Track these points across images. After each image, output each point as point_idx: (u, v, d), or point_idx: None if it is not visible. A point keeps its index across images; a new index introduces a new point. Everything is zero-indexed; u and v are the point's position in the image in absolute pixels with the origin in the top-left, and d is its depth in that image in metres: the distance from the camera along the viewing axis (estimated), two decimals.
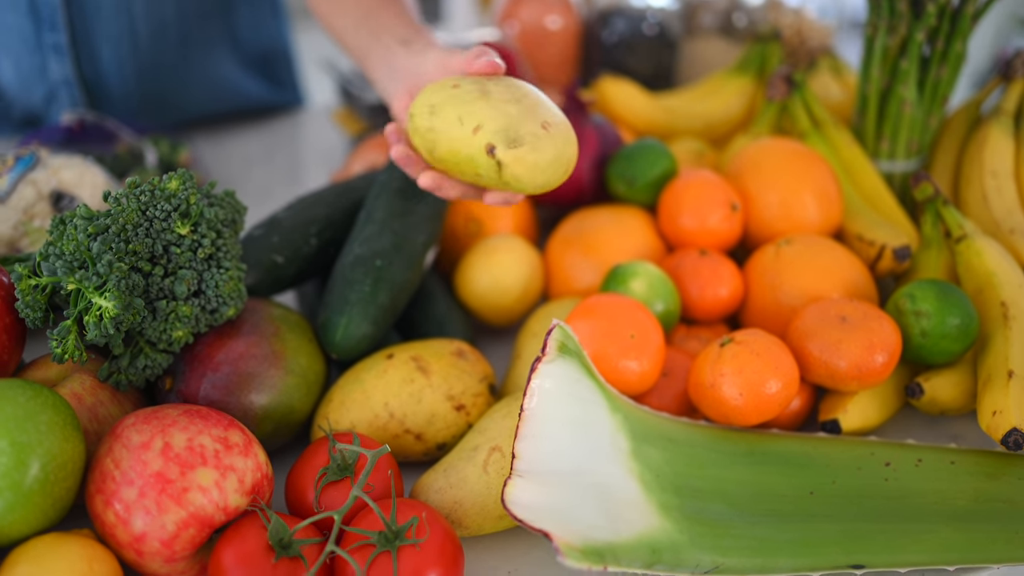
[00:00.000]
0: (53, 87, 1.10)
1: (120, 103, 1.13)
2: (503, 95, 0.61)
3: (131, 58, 1.10)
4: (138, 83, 1.12)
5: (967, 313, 0.68)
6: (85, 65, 1.09)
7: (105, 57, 1.08)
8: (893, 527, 0.58)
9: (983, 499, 0.60)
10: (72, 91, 1.10)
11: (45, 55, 1.08)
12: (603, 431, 0.58)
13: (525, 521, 0.51)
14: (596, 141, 0.84)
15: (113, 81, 1.10)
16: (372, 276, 0.68)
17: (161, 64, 1.12)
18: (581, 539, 0.51)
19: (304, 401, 0.65)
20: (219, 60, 1.19)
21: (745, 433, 0.64)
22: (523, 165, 0.59)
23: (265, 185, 1.10)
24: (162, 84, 1.14)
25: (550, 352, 0.58)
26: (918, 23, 0.86)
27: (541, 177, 0.60)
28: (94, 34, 1.07)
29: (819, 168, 0.81)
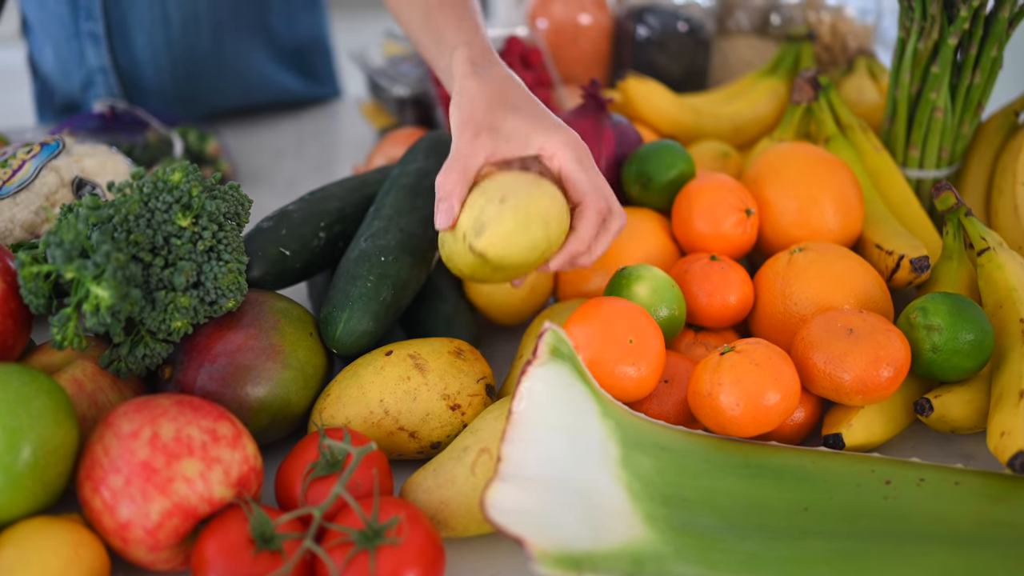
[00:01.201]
0: (90, 74, 1.13)
1: (154, 92, 1.15)
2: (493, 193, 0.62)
3: (164, 47, 1.12)
4: (172, 72, 1.14)
5: (982, 329, 0.65)
6: (120, 53, 1.11)
7: (139, 45, 1.10)
8: (889, 548, 0.57)
9: (986, 523, 0.58)
10: (108, 79, 1.12)
11: (82, 42, 1.10)
12: (592, 437, 0.58)
13: (501, 525, 0.51)
14: (613, 141, 0.83)
15: (147, 69, 1.13)
16: (376, 272, 0.69)
17: (194, 53, 1.14)
18: (558, 546, 0.51)
19: (301, 395, 0.65)
20: (252, 52, 1.20)
21: (742, 444, 0.63)
22: (496, 244, 0.61)
23: (293, 177, 1.11)
24: (195, 74, 1.16)
25: (541, 355, 0.58)
26: (950, 27, 0.84)
27: (524, 239, 0.61)
28: (129, 23, 1.09)
29: (840, 174, 0.79)
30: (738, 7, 1.19)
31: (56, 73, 1.17)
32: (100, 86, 1.13)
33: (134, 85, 1.14)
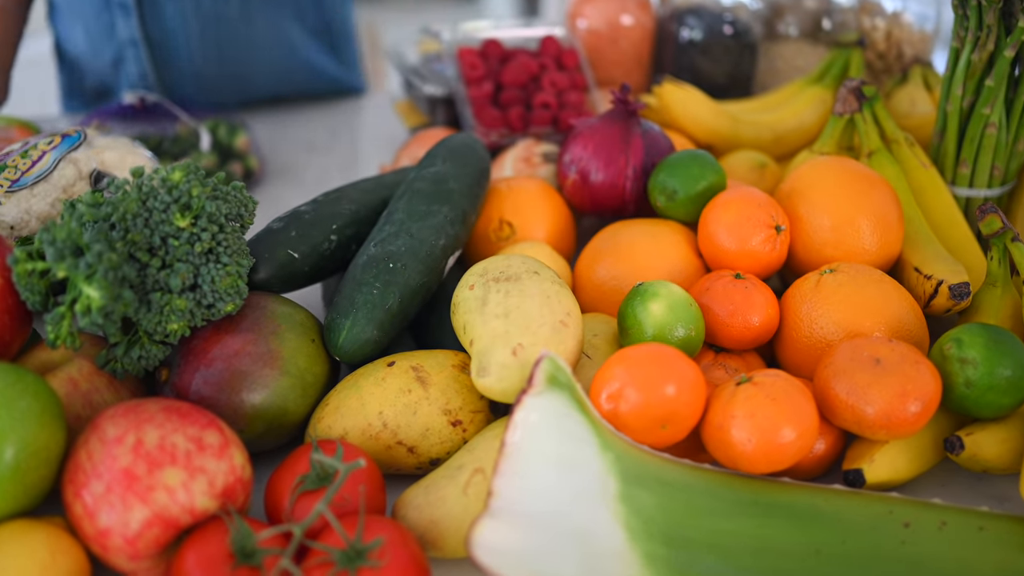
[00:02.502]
0: (120, 47, 1.14)
1: (184, 63, 1.16)
2: (498, 304, 0.62)
3: (194, 15, 1.13)
4: (201, 40, 1.15)
5: (1021, 364, 0.61)
6: (150, 23, 1.12)
7: (169, 14, 1.12)
8: None
9: (1009, 572, 0.54)
10: (138, 51, 1.14)
11: (113, 14, 1.12)
12: (590, 471, 0.55)
13: (488, 567, 0.48)
14: (641, 149, 0.80)
15: (178, 39, 1.14)
16: (382, 279, 0.66)
17: (223, 21, 1.15)
18: None
19: (299, 403, 0.63)
20: (282, 23, 1.20)
21: (751, 480, 0.60)
22: (492, 394, 0.61)
23: (323, 173, 1.10)
24: (225, 42, 1.17)
25: (538, 384, 0.55)
26: (1008, 38, 0.79)
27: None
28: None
29: (879, 192, 0.75)
30: (788, 10, 1.14)
31: (86, 53, 1.18)
32: (131, 61, 1.15)
33: (164, 57, 1.15)
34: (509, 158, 0.91)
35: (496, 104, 0.97)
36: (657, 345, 0.61)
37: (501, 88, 0.98)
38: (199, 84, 1.18)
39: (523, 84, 0.98)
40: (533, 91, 0.98)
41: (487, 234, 0.81)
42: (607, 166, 0.80)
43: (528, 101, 0.97)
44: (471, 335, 0.63)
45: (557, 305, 0.63)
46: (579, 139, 0.82)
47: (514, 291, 0.63)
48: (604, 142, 0.81)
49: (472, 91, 0.96)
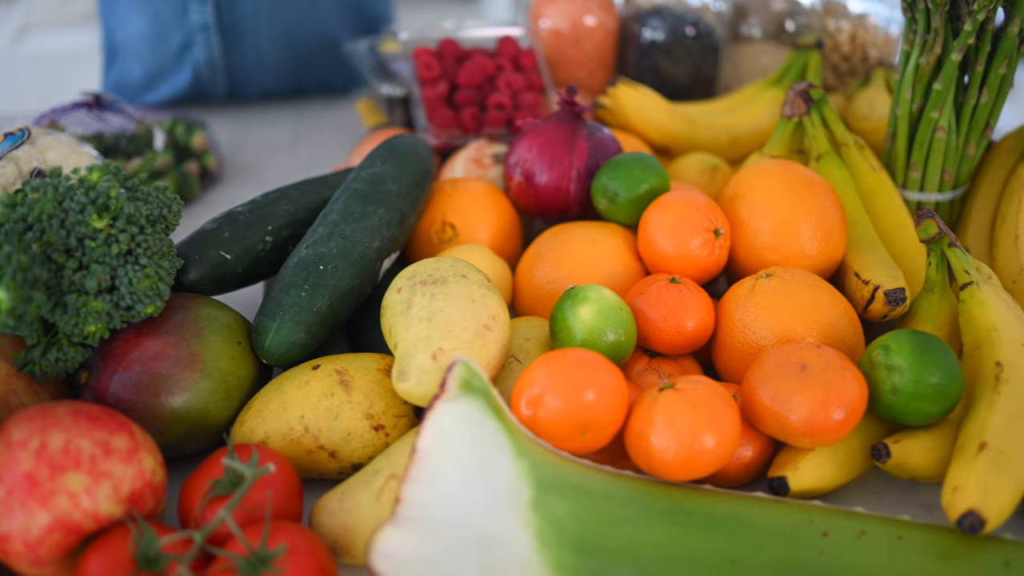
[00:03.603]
0: (190, 33, 1.17)
1: (251, 49, 1.19)
2: (422, 308, 0.62)
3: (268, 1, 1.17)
4: (271, 27, 1.18)
5: (948, 372, 0.60)
6: (224, 7, 1.15)
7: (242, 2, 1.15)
8: None
9: None
10: (208, 36, 1.16)
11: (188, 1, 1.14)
12: (503, 478, 0.54)
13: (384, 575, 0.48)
14: (586, 151, 0.79)
15: (248, 24, 1.17)
16: (311, 281, 0.66)
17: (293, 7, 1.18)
18: None
19: (222, 407, 0.63)
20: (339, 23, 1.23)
21: (671, 488, 0.59)
22: (412, 398, 0.60)
23: (284, 173, 1.09)
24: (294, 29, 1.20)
25: (451, 389, 0.55)
26: (954, 41, 0.78)
27: None
28: None
29: (821, 196, 0.74)
30: (752, 12, 1.14)
31: (144, 41, 1.20)
32: (199, 46, 1.17)
33: (233, 42, 1.18)
34: (460, 159, 0.91)
35: (450, 105, 0.97)
36: (579, 351, 0.60)
37: (456, 88, 0.97)
38: (262, 69, 1.22)
39: (478, 85, 0.97)
40: (488, 92, 0.97)
41: (430, 236, 0.80)
42: (551, 168, 0.79)
43: (483, 102, 0.97)
44: (395, 339, 0.63)
45: (482, 309, 0.62)
46: (524, 140, 0.81)
47: (439, 295, 0.62)
48: (549, 144, 0.80)
49: (426, 91, 0.95)
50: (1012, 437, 0.58)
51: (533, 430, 0.58)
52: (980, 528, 0.54)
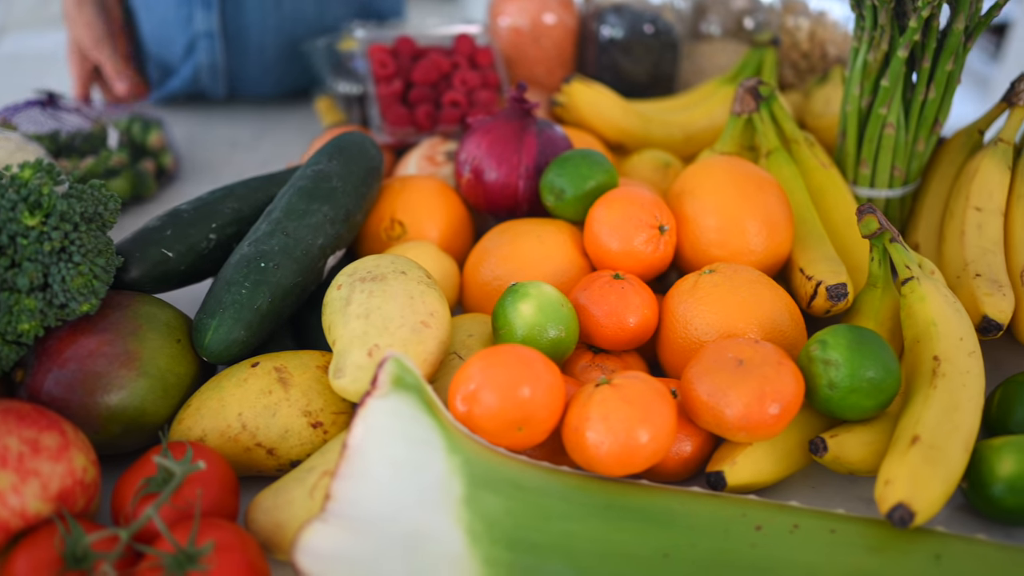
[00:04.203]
0: (194, 38, 1.16)
1: (255, 55, 1.18)
2: (360, 305, 0.62)
3: (274, 10, 1.16)
4: (277, 36, 1.17)
5: (884, 366, 0.61)
6: (229, 16, 1.14)
7: (249, 8, 1.14)
8: None
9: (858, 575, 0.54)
10: (212, 43, 1.15)
11: (192, 7, 1.14)
12: (434, 474, 0.54)
13: (307, 573, 0.48)
14: (535, 148, 0.79)
15: (253, 33, 1.16)
16: (252, 279, 0.66)
17: (299, 19, 1.17)
18: None
19: (159, 405, 0.63)
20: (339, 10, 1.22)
21: (607, 483, 0.59)
22: (348, 395, 0.60)
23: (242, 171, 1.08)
24: (300, 37, 1.19)
25: (382, 385, 0.55)
26: (900, 38, 0.78)
27: None
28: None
29: (767, 192, 0.74)
30: (711, 9, 1.14)
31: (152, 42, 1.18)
32: (202, 51, 1.17)
33: (237, 48, 1.17)
34: (414, 156, 0.91)
35: (404, 102, 0.96)
36: (516, 347, 0.60)
37: (411, 86, 0.97)
38: (265, 74, 1.21)
39: (433, 82, 0.97)
40: (443, 89, 0.97)
41: (379, 233, 0.80)
42: (500, 165, 0.79)
43: (437, 99, 0.97)
44: (334, 335, 0.62)
45: (420, 305, 0.62)
46: (474, 137, 0.81)
47: (377, 291, 0.62)
48: (498, 141, 0.80)
49: (381, 89, 0.95)
50: (945, 431, 0.58)
51: (469, 426, 0.58)
52: (910, 521, 0.54)
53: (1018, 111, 0.83)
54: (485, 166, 0.80)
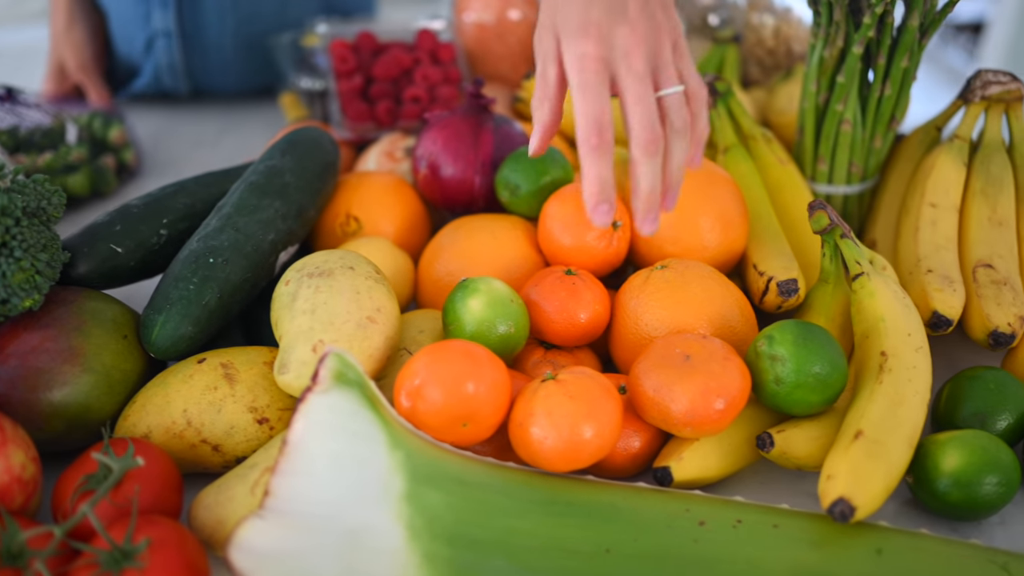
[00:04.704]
0: (152, 36, 1.15)
1: (214, 54, 1.17)
2: (306, 300, 0.62)
3: (231, 11, 1.14)
4: (235, 36, 1.16)
5: (830, 362, 0.61)
6: (187, 16, 1.13)
7: (206, 9, 1.13)
8: None
9: (800, 571, 0.54)
10: (170, 42, 1.15)
11: (150, 5, 1.13)
12: (375, 470, 0.54)
13: (241, 569, 0.47)
14: (491, 144, 0.79)
15: (211, 33, 1.15)
16: (200, 274, 0.65)
17: (258, 17, 1.16)
18: None
19: (104, 401, 0.62)
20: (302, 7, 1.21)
21: (551, 479, 0.59)
22: (292, 391, 0.59)
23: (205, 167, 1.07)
24: (256, 38, 1.18)
25: (323, 381, 0.54)
26: (855, 34, 0.79)
27: None
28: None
29: (721, 189, 0.74)
30: (677, 6, 1.14)
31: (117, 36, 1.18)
32: (161, 50, 1.16)
33: (196, 47, 1.16)
34: (374, 152, 0.90)
35: (365, 98, 0.96)
36: (462, 342, 0.60)
37: (372, 82, 0.97)
38: (227, 72, 1.20)
39: (394, 78, 0.96)
40: (404, 85, 0.97)
41: (334, 229, 0.80)
42: (456, 160, 0.79)
43: (398, 95, 0.96)
44: (280, 331, 0.62)
45: (367, 301, 0.62)
46: (430, 133, 0.81)
47: (324, 287, 0.62)
48: (454, 136, 0.80)
49: (341, 84, 0.95)
50: (888, 426, 0.58)
51: (413, 422, 0.58)
52: (850, 515, 0.54)
53: (974, 108, 0.84)
54: (441, 162, 0.80)
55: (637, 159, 0.57)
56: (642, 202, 0.58)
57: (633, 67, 0.57)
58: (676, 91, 0.59)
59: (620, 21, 0.57)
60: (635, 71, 0.57)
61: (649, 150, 0.57)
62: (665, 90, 0.59)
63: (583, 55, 0.57)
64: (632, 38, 0.57)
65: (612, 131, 0.57)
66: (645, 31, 0.58)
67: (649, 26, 0.58)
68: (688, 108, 0.61)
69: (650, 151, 0.57)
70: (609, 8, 0.58)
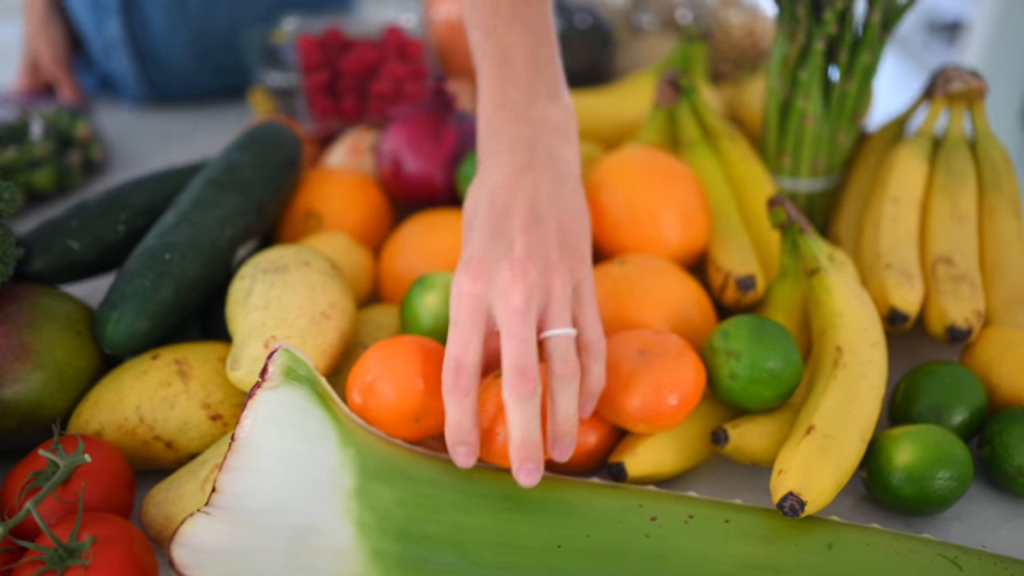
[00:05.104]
0: (106, 45, 1.15)
1: (168, 64, 1.16)
2: (260, 296, 0.61)
3: (181, 24, 1.13)
4: (188, 47, 1.15)
5: (785, 357, 0.61)
6: (136, 27, 1.13)
7: (155, 20, 1.12)
8: None
9: (750, 566, 0.54)
10: (120, 52, 1.14)
11: (100, 14, 1.12)
12: (324, 467, 0.53)
13: (182, 567, 0.47)
14: (454, 139, 0.79)
15: (163, 44, 1.14)
16: (156, 270, 0.65)
17: (212, 33, 1.15)
18: None
19: (56, 398, 0.62)
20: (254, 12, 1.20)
21: (504, 475, 0.59)
22: (244, 387, 0.59)
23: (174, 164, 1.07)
24: (212, 51, 1.17)
25: (272, 377, 0.54)
26: (817, 31, 0.79)
27: None
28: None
29: (682, 184, 0.74)
30: (649, 4, 1.14)
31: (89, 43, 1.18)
32: (114, 59, 1.16)
33: (150, 57, 1.16)
34: (339, 148, 0.90)
35: (331, 94, 0.96)
36: (415, 338, 0.60)
37: (338, 77, 0.96)
38: (185, 82, 1.19)
39: (361, 74, 0.96)
40: (371, 81, 0.96)
41: (294, 225, 0.79)
42: (418, 156, 0.79)
43: (365, 91, 0.96)
44: (234, 327, 0.62)
45: (321, 296, 0.62)
46: (393, 128, 0.81)
47: (278, 282, 0.62)
48: (417, 132, 0.80)
49: (307, 80, 0.94)
50: (841, 420, 0.58)
51: (365, 418, 0.58)
52: (800, 510, 0.54)
53: (937, 104, 0.84)
54: (404, 157, 0.79)
55: (506, 401, 0.53)
56: (516, 451, 0.53)
57: (511, 304, 0.53)
58: (562, 333, 0.54)
59: (503, 257, 0.54)
60: (512, 307, 0.53)
61: (517, 391, 0.52)
62: (549, 331, 0.54)
63: (459, 291, 0.54)
64: (512, 275, 0.53)
65: (474, 373, 0.54)
66: (533, 270, 0.54)
67: (539, 265, 0.54)
68: (579, 358, 0.56)
69: (518, 392, 0.52)
70: (493, 242, 0.55)
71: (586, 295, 0.57)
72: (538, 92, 0.61)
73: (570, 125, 0.62)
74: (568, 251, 0.56)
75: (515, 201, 0.56)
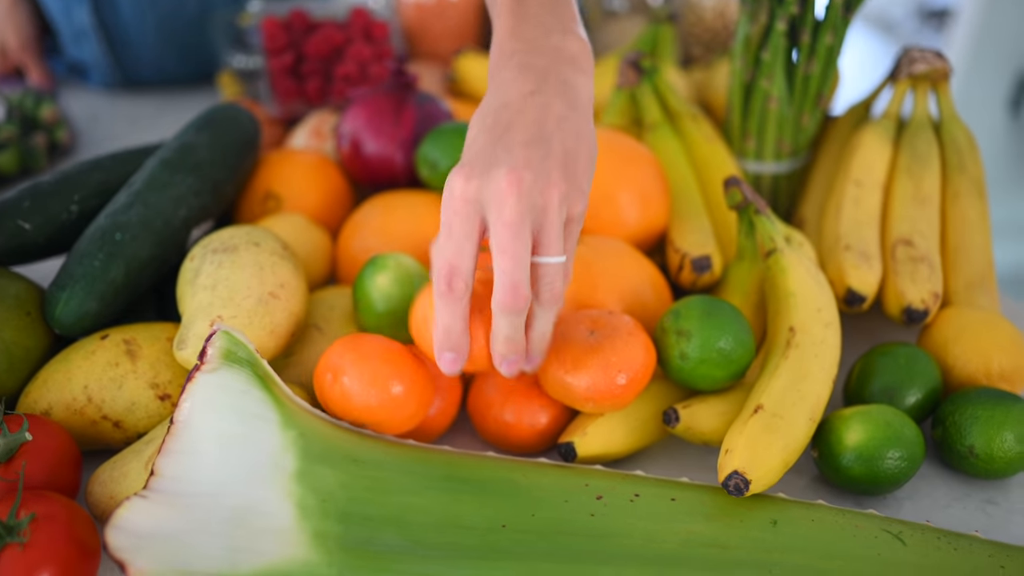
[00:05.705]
0: (75, 33, 1.14)
1: (139, 50, 1.16)
2: (208, 276, 0.61)
3: (150, 9, 1.13)
4: (158, 32, 1.14)
5: (735, 337, 0.61)
6: (106, 13, 1.12)
7: (124, 5, 1.11)
8: (583, 570, 0.52)
9: (694, 543, 0.54)
10: (90, 38, 1.14)
11: (69, 2, 1.11)
12: (265, 449, 0.53)
13: (116, 550, 0.47)
14: (413, 120, 0.79)
15: (132, 30, 1.13)
16: (106, 250, 0.64)
17: (180, 16, 1.14)
18: (173, 571, 0.47)
19: (5, 378, 0.61)
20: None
21: (449, 456, 0.59)
22: (191, 367, 0.58)
23: None
24: (182, 35, 1.16)
25: (212, 360, 0.54)
26: (778, 10, 0.78)
27: None
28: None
29: (641, 166, 0.74)
30: None
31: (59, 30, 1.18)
32: (84, 46, 1.15)
33: (121, 44, 1.15)
34: (302, 130, 0.90)
35: (295, 76, 0.95)
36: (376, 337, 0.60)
37: (302, 60, 0.96)
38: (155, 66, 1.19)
39: (326, 56, 0.96)
40: (336, 63, 0.96)
41: (253, 206, 0.79)
42: (378, 137, 0.78)
43: (329, 73, 0.95)
44: (183, 307, 0.62)
45: (270, 277, 0.62)
46: (353, 110, 0.80)
47: (227, 262, 0.61)
48: (376, 113, 0.79)
49: (271, 62, 0.94)
50: (789, 400, 0.58)
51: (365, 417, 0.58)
52: (745, 489, 0.54)
53: (901, 86, 0.83)
54: (363, 138, 0.79)
55: (495, 312, 0.52)
56: (500, 344, 0.54)
57: (504, 215, 0.50)
58: (553, 261, 0.53)
59: (500, 163, 0.50)
60: (506, 220, 0.50)
61: (506, 308, 0.52)
62: (541, 258, 0.52)
63: (451, 193, 0.51)
64: (508, 182, 0.49)
65: (468, 279, 0.52)
66: (529, 178, 0.50)
67: (537, 178, 0.50)
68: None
69: (508, 307, 0.51)
70: (493, 149, 0.51)
71: (574, 235, 0.55)
72: (553, 26, 0.57)
73: (585, 57, 0.57)
74: (570, 179, 0.52)
75: (520, 118, 0.52)
